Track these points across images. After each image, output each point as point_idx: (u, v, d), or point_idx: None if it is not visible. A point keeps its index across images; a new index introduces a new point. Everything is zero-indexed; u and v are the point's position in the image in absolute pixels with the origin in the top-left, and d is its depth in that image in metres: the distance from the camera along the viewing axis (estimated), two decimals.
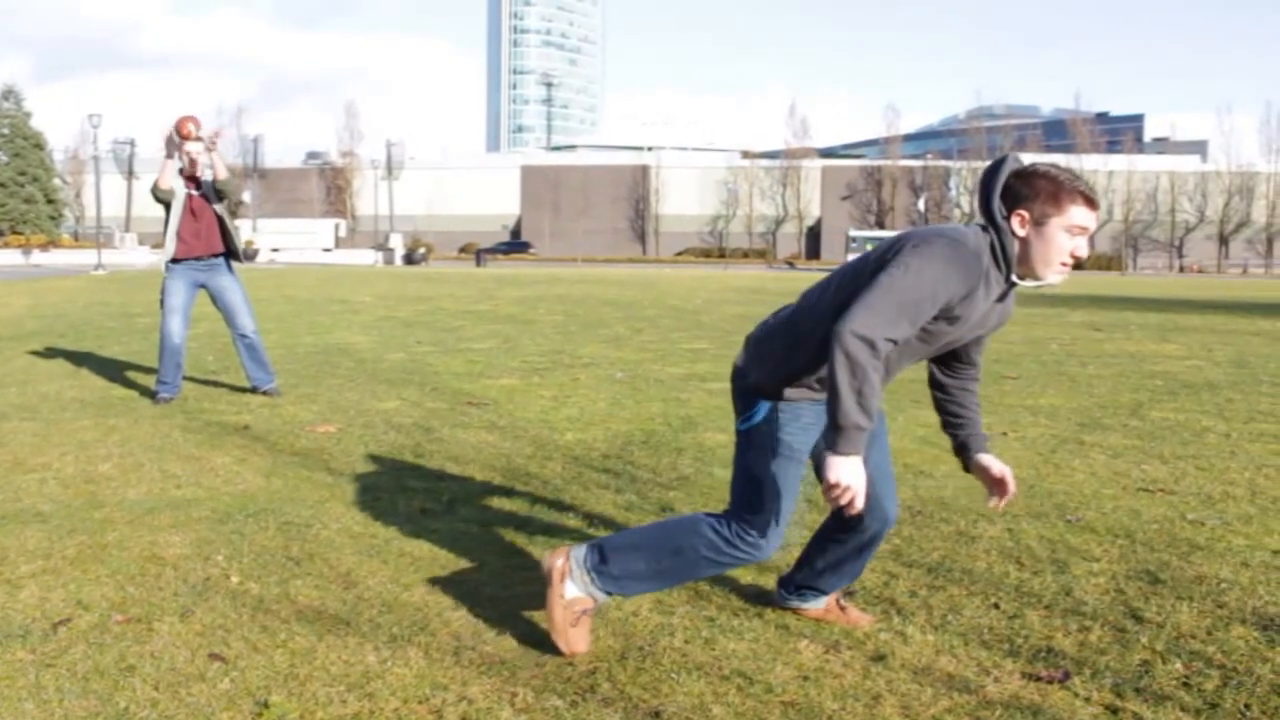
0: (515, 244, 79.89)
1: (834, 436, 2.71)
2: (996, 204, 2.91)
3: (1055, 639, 3.30)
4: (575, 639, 3.13)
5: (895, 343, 2.74)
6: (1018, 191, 2.90)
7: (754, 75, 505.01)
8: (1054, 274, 2.91)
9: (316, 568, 3.90)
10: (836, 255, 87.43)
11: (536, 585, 3.72)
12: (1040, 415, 7.37)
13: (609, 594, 3.20)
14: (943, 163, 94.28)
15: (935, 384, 3.33)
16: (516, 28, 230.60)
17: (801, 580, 3.46)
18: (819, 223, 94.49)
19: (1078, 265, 2.95)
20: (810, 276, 48.85)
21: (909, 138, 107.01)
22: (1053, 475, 5.51)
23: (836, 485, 2.70)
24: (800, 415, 3.04)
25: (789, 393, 3.03)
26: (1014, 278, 2.93)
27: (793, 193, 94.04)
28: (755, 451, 3.07)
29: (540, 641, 3.22)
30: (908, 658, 3.15)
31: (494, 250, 73.45)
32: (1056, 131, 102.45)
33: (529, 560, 4.01)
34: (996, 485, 3.20)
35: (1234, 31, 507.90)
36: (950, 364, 3.28)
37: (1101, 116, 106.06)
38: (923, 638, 3.31)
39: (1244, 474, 5.62)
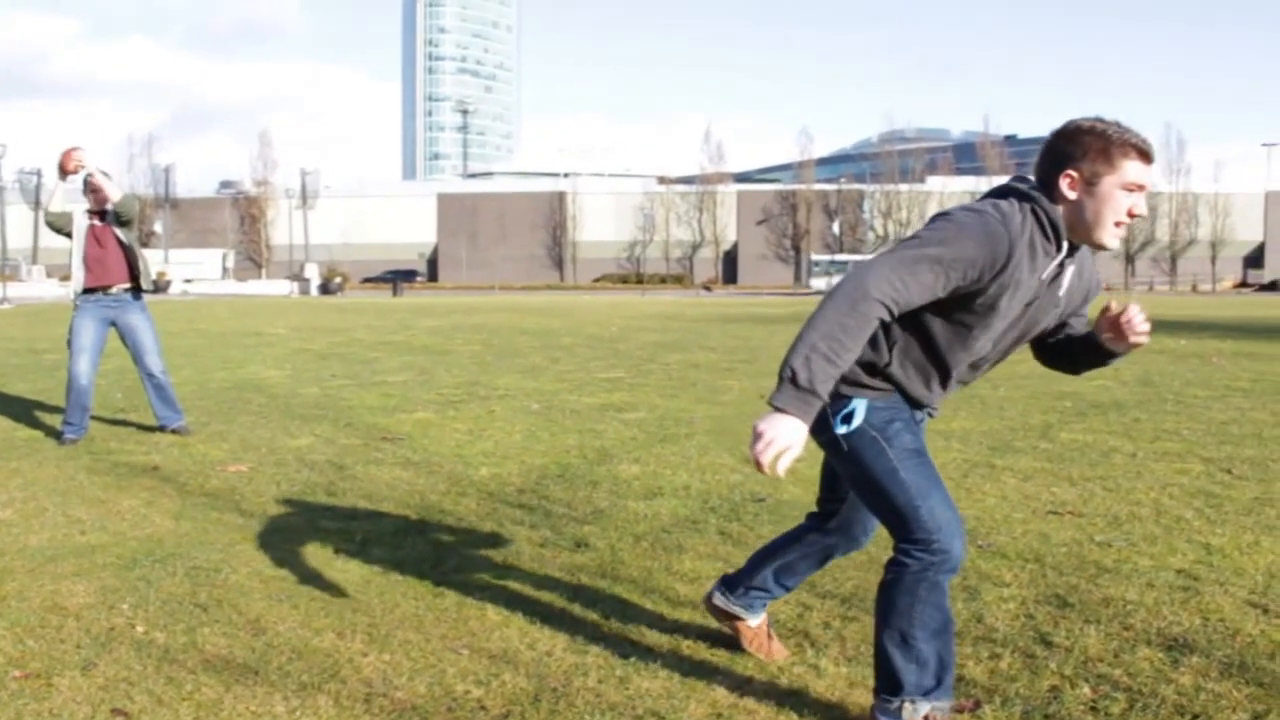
0: (401, 273, 79.60)
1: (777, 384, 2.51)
2: (1033, 175, 2.74)
3: (966, 667, 3.33)
4: None
5: (888, 303, 2.55)
6: (1064, 151, 2.68)
7: (670, 101, 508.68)
8: (1111, 236, 2.69)
9: (225, 614, 3.83)
10: (753, 279, 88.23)
11: (448, 628, 3.70)
12: (952, 439, 7.45)
13: (938, 690, 2.82)
14: (856, 186, 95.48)
15: (1047, 351, 3.18)
16: (432, 55, 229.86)
17: (754, 582, 3.40)
18: (735, 247, 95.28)
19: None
20: (728, 301, 49.12)
21: (822, 162, 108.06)
22: (964, 500, 5.58)
23: (754, 433, 2.47)
24: (882, 409, 2.81)
25: (864, 389, 2.80)
26: (1065, 245, 2.72)
27: (709, 218, 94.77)
28: (869, 455, 2.78)
29: (452, 686, 3.18)
30: (821, 691, 3.16)
31: (381, 279, 73.50)
32: (967, 154, 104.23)
33: (442, 603, 3.96)
34: (1113, 325, 2.95)
35: (1135, 55, 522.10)
36: (1053, 337, 3.13)
37: (1010, 139, 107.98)
38: (836, 670, 3.33)
39: (1149, 494, 5.73)
